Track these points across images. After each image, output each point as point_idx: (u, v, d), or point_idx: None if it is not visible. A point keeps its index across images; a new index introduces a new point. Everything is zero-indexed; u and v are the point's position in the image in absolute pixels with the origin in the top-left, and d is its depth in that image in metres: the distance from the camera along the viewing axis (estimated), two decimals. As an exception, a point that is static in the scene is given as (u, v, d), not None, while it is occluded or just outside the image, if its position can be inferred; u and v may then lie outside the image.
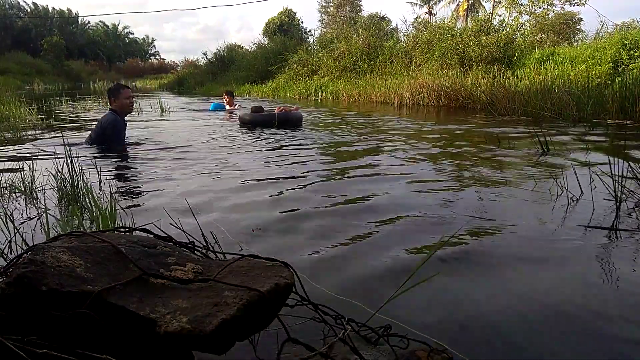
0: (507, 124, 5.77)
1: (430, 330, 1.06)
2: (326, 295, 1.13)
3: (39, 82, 25.66)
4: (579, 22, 16.58)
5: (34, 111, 7.17)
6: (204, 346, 0.67)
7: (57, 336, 0.67)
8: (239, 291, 0.74)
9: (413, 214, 1.99)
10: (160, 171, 2.99)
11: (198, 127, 5.87)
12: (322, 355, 0.75)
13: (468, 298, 1.26)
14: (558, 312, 1.18)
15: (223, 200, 2.27)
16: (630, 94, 5.77)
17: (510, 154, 3.57)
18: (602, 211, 1.99)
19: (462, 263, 1.49)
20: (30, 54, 34.21)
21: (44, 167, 2.97)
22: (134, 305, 0.70)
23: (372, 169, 3.03)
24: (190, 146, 4.07)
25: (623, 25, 12.86)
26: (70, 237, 0.88)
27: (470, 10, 25.11)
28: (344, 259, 1.54)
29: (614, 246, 1.63)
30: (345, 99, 12.24)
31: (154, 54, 59.61)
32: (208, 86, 20.37)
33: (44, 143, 4.16)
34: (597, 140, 4.25)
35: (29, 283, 0.68)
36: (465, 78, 9.40)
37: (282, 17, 29.84)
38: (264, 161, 3.34)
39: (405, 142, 4.28)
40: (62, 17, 43.82)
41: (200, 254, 1.04)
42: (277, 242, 1.70)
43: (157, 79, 34.43)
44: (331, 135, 4.93)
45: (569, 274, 1.41)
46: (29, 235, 1.58)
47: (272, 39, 21.76)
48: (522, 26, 13.62)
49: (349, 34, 15.68)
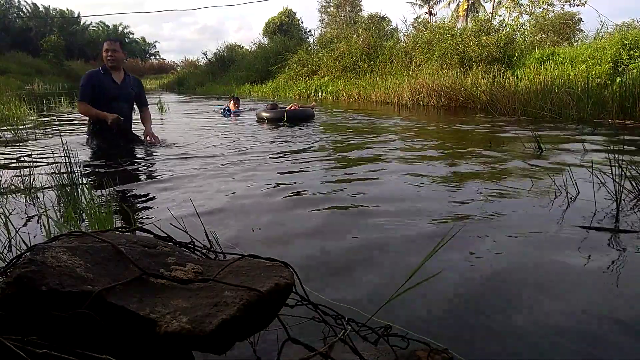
0: (507, 124, 5.77)
1: (430, 331, 1.06)
2: (326, 295, 1.13)
3: (39, 82, 25.65)
4: (579, 22, 16.59)
5: (34, 111, 7.17)
6: (204, 346, 0.67)
7: (57, 336, 0.67)
8: (239, 291, 0.74)
9: (413, 214, 2.00)
10: (160, 171, 2.99)
11: (198, 127, 5.87)
12: (322, 355, 0.75)
13: (468, 298, 1.26)
14: (559, 311, 1.18)
15: (223, 200, 2.27)
16: (630, 94, 5.77)
17: (510, 154, 3.57)
18: (603, 211, 1.99)
19: (462, 263, 1.49)
20: (30, 54, 34.20)
21: (44, 167, 2.97)
22: (134, 305, 0.70)
23: (372, 170, 3.02)
24: (190, 146, 4.07)
25: (623, 25, 12.87)
26: (70, 237, 0.88)
27: (470, 10, 25.10)
28: (344, 259, 1.54)
29: (614, 246, 1.63)
30: (345, 99, 12.24)
31: (154, 54, 59.62)
32: (208, 86, 20.37)
33: (44, 143, 4.16)
34: (597, 140, 4.25)
35: (29, 283, 0.68)
36: (465, 78, 9.41)
37: (282, 17, 29.82)
38: (264, 161, 3.34)
39: (405, 142, 4.28)
40: (62, 17, 43.82)
41: (200, 254, 1.05)
42: (277, 242, 1.70)
43: (157, 79, 34.42)
44: (332, 135, 4.93)
45: (570, 273, 1.41)
46: (29, 235, 1.58)
47: (272, 39, 21.76)
48: (522, 26, 13.61)
49: (349, 34, 15.69)
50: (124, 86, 3.85)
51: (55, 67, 33.20)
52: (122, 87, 3.84)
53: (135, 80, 4.07)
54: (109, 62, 3.75)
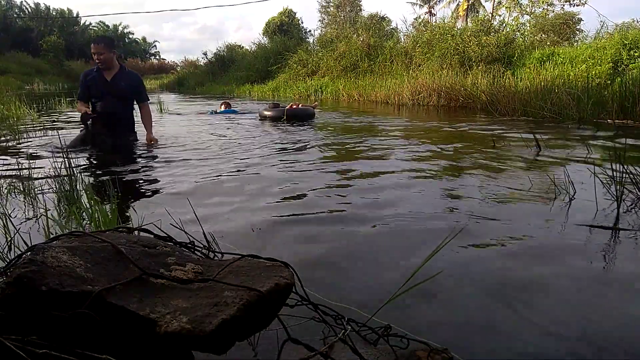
0: (507, 124, 5.77)
1: (430, 331, 1.07)
2: (326, 295, 1.13)
3: (39, 82, 25.63)
4: (579, 22, 16.58)
5: (34, 111, 7.17)
6: (204, 346, 0.67)
7: (57, 336, 0.67)
8: (239, 291, 0.74)
9: (413, 214, 1.99)
10: (160, 171, 2.99)
11: (198, 127, 5.87)
12: (322, 355, 0.75)
13: (468, 298, 1.26)
14: (559, 311, 1.18)
15: (223, 200, 2.27)
16: (630, 94, 5.77)
17: (510, 154, 3.57)
18: (603, 211, 1.99)
19: (462, 263, 1.49)
20: (30, 54, 34.19)
21: (44, 167, 2.97)
22: (134, 305, 0.70)
23: (372, 170, 3.02)
24: (190, 146, 4.07)
25: (623, 25, 12.86)
26: (70, 237, 0.88)
27: (470, 10, 25.10)
28: (344, 259, 1.54)
29: (615, 245, 1.63)
30: (345, 99, 12.23)
31: (155, 54, 59.61)
32: (208, 86, 20.36)
33: (44, 143, 4.16)
34: (597, 140, 4.25)
35: (29, 283, 0.68)
36: (465, 78, 9.40)
37: (282, 17, 29.81)
38: (264, 161, 3.34)
39: (404, 142, 4.28)
40: (62, 17, 43.81)
41: (200, 254, 1.05)
42: (277, 242, 1.70)
43: (157, 79, 34.42)
44: (332, 135, 4.93)
45: (570, 274, 1.41)
46: (29, 235, 1.58)
47: (272, 39, 21.75)
48: (522, 26, 13.61)
49: (349, 34, 15.67)
50: (114, 82, 3.82)
51: (55, 67, 33.19)
52: (112, 84, 3.81)
53: (130, 75, 3.97)
54: (98, 64, 3.77)
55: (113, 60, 3.82)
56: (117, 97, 3.85)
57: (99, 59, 3.72)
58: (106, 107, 3.77)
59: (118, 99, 3.86)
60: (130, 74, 3.98)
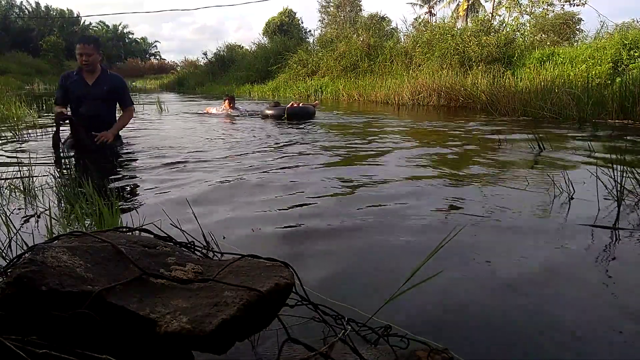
0: (507, 124, 5.77)
1: (430, 331, 1.06)
2: (326, 296, 1.13)
3: (39, 82, 25.63)
4: (579, 22, 16.58)
5: (34, 111, 7.17)
6: (204, 346, 0.67)
7: (57, 336, 0.67)
8: (239, 291, 0.74)
9: (413, 214, 1.99)
10: (160, 171, 2.99)
11: (198, 127, 5.87)
12: (322, 355, 0.75)
13: (468, 298, 1.26)
14: (559, 311, 1.18)
15: (223, 200, 2.27)
16: (630, 94, 5.77)
17: (510, 154, 3.57)
18: (603, 210, 1.99)
19: (462, 263, 1.49)
20: (30, 54, 34.20)
21: (44, 167, 2.97)
22: (134, 305, 0.70)
23: (372, 170, 3.02)
24: (190, 146, 4.07)
25: (623, 25, 12.87)
26: (70, 237, 0.88)
27: (470, 10, 25.09)
28: (345, 258, 1.54)
29: (615, 244, 1.63)
30: (345, 99, 12.24)
31: (155, 54, 59.60)
32: (208, 86, 20.36)
33: (44, 143, 4.16)
34: (597, 140, 4.25)
35: (29, 283, 0.68)
36: (465, 78, 9.41)
37: (282, 17, 29.82)
38: (264, 161, 3.34)
39: (404, 142, 4.28)
40: (62, 17, 43.82)
41: (200, 254, 1.04)
42: (277, 242, 1.70)
43: (157, 79, 34.39)
44: (332, 135, 4.93)
45: (570, 274, 1.41)
46: (29, 235, 1.58)
47: (272, 39, 21.75)
48: (522, 26, 13.61)
49: (349, 34, 15.68)
50: (96, 86, 3.65)
51: (55, 67, 33.19)
52: (92, 87, 3.64)
53: (113, 79, 3.77)
54: (84, 67, 3.57)
55: (97, 63, 3.65)
56: (96, 100, 3.67)
57: (87, 61, 3.53)
58: (88, 110, 3.61)
59: (98, 101, 3.68)
60: (113, 77, 3.81)
